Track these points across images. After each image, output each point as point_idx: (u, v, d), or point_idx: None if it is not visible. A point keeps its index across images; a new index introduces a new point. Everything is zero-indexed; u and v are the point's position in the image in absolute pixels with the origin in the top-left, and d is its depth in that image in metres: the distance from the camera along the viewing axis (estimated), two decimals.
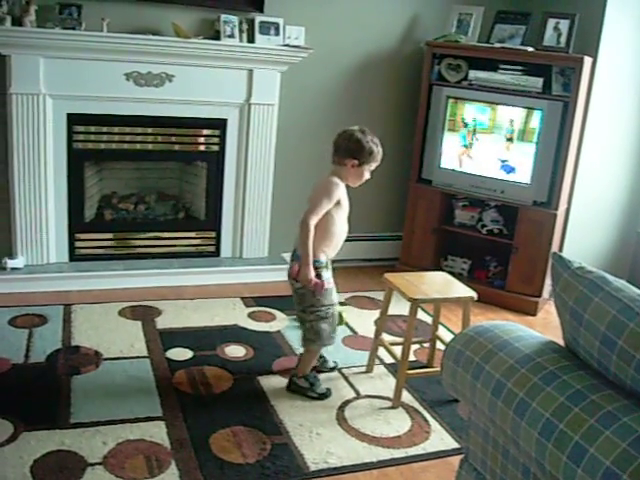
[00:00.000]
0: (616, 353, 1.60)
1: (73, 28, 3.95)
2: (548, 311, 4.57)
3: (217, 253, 4.78)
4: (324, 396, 3.20)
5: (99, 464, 2.57)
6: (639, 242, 4.68)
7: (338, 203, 3.04)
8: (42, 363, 3.30)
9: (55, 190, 4.26)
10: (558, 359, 1.75)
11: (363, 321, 4.10)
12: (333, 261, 3.23)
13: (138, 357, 3.45)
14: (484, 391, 1.81)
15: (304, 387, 3.21)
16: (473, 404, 1.90)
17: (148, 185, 4.74)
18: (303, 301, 3.13)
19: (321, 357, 3.41)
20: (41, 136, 4.10)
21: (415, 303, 3.12)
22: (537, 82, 4.31)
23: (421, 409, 3.20)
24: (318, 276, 3.04)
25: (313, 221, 2.97)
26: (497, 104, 4.42)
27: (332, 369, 3.44)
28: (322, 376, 3.35)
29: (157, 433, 2.80)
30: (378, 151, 3.11)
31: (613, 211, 4.83)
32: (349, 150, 3.04)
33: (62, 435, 2.73)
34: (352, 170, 3.07)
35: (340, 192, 3.04)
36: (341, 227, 3.08)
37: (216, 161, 4.61)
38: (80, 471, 2.52)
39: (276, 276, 4.66)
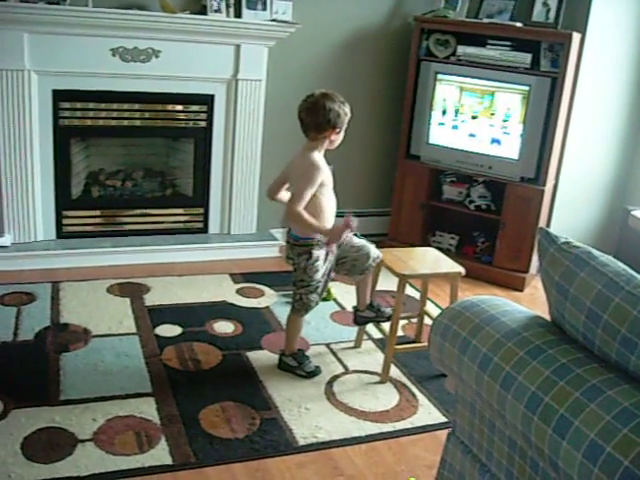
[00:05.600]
0: (601, 327, 1.62)
1: (58, 3, 3.89)
2: (535, 287, 4.60)
3: (205, 229, 4.77)
4: (313, 374, 3.21)
5: (89, 440, 2.59)
6: (626, 218, 4.71)
7: (321, 183, 2.99)
8: (31, 341, 3.30)
9: (41, 167, 4.22)
10: (544, 333, 1.77)
11: (351, 297, 4.09)
12: None
13: (127, 334, 3.45)
14: (471, 365, 1.83)
15: (292, 365, 3.23)
16: (460, 378, 1.92)
17: (135, 162, 4.71)
18: (295, 275, 3.13)
19: (375, 308, 3.34)
20: (26, 113, 4.06)
21: (403, 279, 3.13)
22: (525, 58, 4.30)
23: (409, 384, 3.23)
24: (310, 254, 3.04)
25: (300, 207, 2.92)
26: (485, 79, 4.42)
27: (389, 318, 3.28)
28: (311, 351, 3.37)
29: (147, 409, 2.82)
30: (349, 109, 3.02)
31: (600, 187, 4.85)
32: (327, 122, 2.94)
33: (52, 412, 2.73)
34: (332, 137, 3.01)
35: (322, 173, 2.98)
36: (328, 202, 3.06)
37: (203, 137, 4.59)
38: (70, 447, 2.54)
39: (264, 252, 4.68)
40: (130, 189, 4.65)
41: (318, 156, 3.01)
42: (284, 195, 3.19)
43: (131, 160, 4.70)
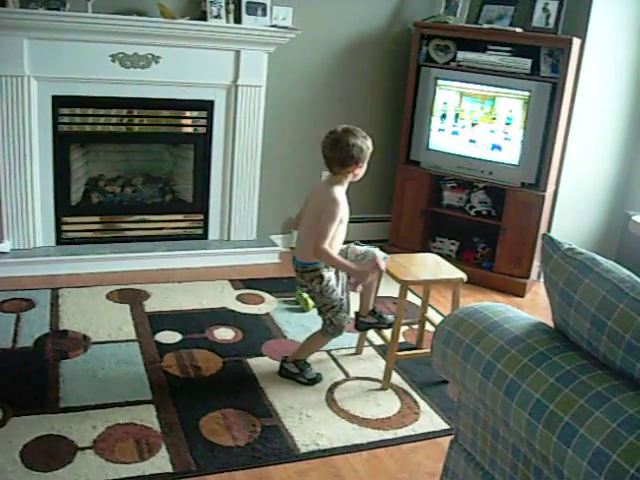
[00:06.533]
0: (606, 334, 1.61)
1: (57, 9, 3.89)
2: (536, 292, 4.59)
3: (205, 236, 4.76)
4: (314, 381, 3.20)
5: (89, 448, 2.57)
6: (626, 223, 4.70)
7: (340, 219, 3.00)
8: (30, 348, 3.29)
9: (41, 173, 4.22)
10: (548, 340, 1.76)
11: (353, 303, 4.09)
12: None
13: (127, 341, 3.44)
14: (474, 372, 1.82)
15: (294, 372, 3.21)
16: (463, 385, 1.90)
17: (135, 168, 4.70)
18: (316, 302, 3.14)
19: (377, 314, 3.34)
20: (26, 119, 4.05)
21: (405, 285, 3.12)
22: (526, 63, 4.30)
23: (410, 390, 3.21)
24: (321, 277, 3.04)
25: (326, 244, 2.93)
26: (485, 85, 4.41)
27: (391, 325, 3.28)
28: (312, 358, 3.36)
29: (147, 416, 2.80)
30: (370, 142, 3.06)
31: (601, 192, 4.84)
32: (350, 158, 2.97)
33: (51, 419, 2.72)
34: (356, 172, 3.04)
35: (342, 209, 2.99)
36: (339, 235, 3.05)
37: (203, 143, 4.58)
38: (70, 455, 2.52)
39: (264, 258, 4.67)
40: (130, 195, 4.64)
41: (339, 191, 3.01)
42: None
43: (131, 166, 4.69)
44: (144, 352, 3.34)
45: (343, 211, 3.00)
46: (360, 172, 3.07)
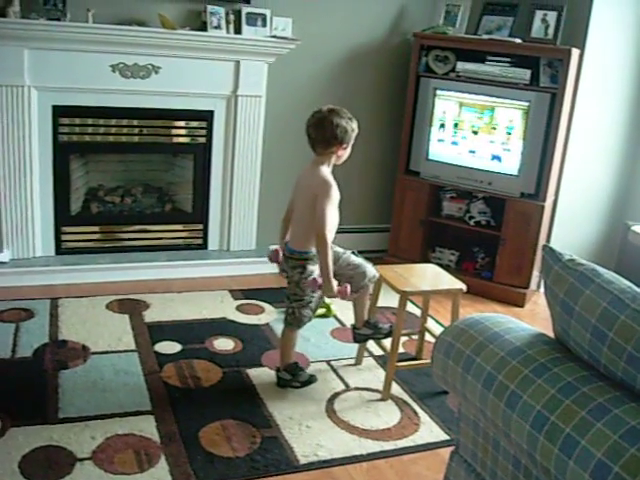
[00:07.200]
0: (607, 345, 1.61)
1: (58, 19, 3.91)
2: (536, 302, 4.58)
3: (205, 246, 4.76)
4: (308, 382, 3.20)
5: (88, 459, 2.56)
6: (626, 233, 4.70)
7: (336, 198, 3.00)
8: (29, 358, 3.28)
9: (41, 183, 4.22)
10: (549, 351, 1.75)
11: (351, 313, 4.08)
12: None
13: (126, 351, 3.43)
14: (475, 383, 1.81)
15: (287, 379, 3.21)
16: (464, 396, 1.90)
17: (135, 177, 4.71)
18: (289, 289, 3.13)
19: (372, 324, 3.32)
20: (26, 129, 4.06)
21: (404, 295, 3.12)
22: (525, 74, 4.31)
23: (410, 401, 3.20)
24: (304, 268, 3.03)
25: (328, 230, 2.91)
26: (484, 95, 4.43)
27: (388, 334, 3.27)
28: (311, 368, 3.35)
29: (146, 427, 2.79)
30: (356, 124, 3.03)
31: (600, 202, 4.84)
32: (334, 138, 2.95)
33: (50, 430, 2.71)
34: (339, 153, 3.02)
35: (336, 189, 2.98)
36: (333, 218, 3.06)
37: (203, 153, 4.59)
38: (69, 466, 2.51)
39: (264, 268, 4.63)
40: (129, 205, 4.64)
41: (327, 172, 3.01)
42: None
43: (130, 176, 4.69)
44: (144, 362, 3.33)
45: (337, 191, 2.98)
46: (344, 154, 3.04)
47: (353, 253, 3.21)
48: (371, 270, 3.18)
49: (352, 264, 3.15)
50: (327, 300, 3.33)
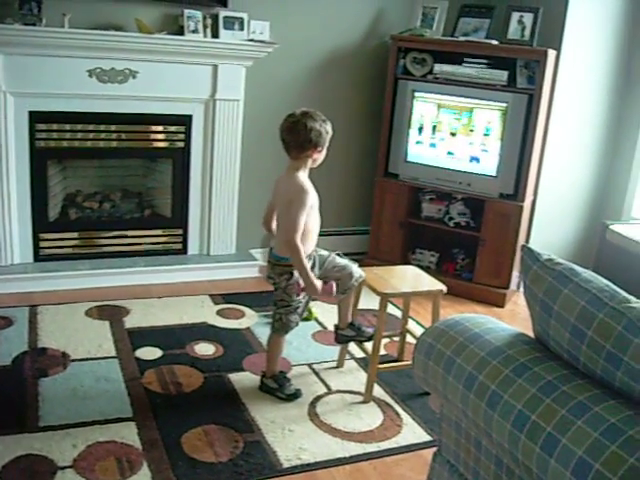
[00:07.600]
0: (586, 344, 1.62)
1: (33, 24, 3.87)
2: (516, 302, 4.61)
3: (184, 251, 4.74)
4: (293, 397, 3.17)
5: (69, 467, 2.54)
6: (604, 232, 4.73)
7: (310, 206, 2.98)
8: (8, 366, 3.24)
9: (18, 190, 4.18)
10: (529, 351, 1.76)
11: (333, 316, 4.08)
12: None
13: (106, 357, 3.41)
14: (456, 384, 1.82)
15: (273, 388, 3.19)
16: (445, 397, 1.90)
17: (113, 183, 4.68)
18: (275, 295, 3.12)
19: (356, 327, 3.32)
20: (2, 135, 4.02)
21: (385, 297, 3.12)
22: (502, 75, 4.34)
23: (392, 403, 3.21)
24: (290, 274, 3.02)
25: (300, 238, 2.91)
26: (462, 97, 4.45)
27: (370, 338, 3.27)
28: (293, 372, 3.35)
29: (128, 434, 2.77)
30: (330, 127, 3.01)
31: (578, 202, 4.89)
32: (308, 141, 2.92)
33: (31, 439, 2.68)
34: (314, 156, 3.00)
35: (311, 196, 2.96)
36: (314, 223, 3.05)
37: (181, 158, 4.57)
38: (50, 475, 2.48)
39: (244, 273, 4.65)
40: (108, 211, 4.61)
41: (304, 177, 2.99)
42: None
43: (109, 181, 4.66)
44: (124, 369, 3.31)
45: (312, 197, 2.97)
46: (319, 157, 3.03)
47: (338, 255, 3.21)
48: (357, 270, 3.18)
49: (338, 266, 3.15)
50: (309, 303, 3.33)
